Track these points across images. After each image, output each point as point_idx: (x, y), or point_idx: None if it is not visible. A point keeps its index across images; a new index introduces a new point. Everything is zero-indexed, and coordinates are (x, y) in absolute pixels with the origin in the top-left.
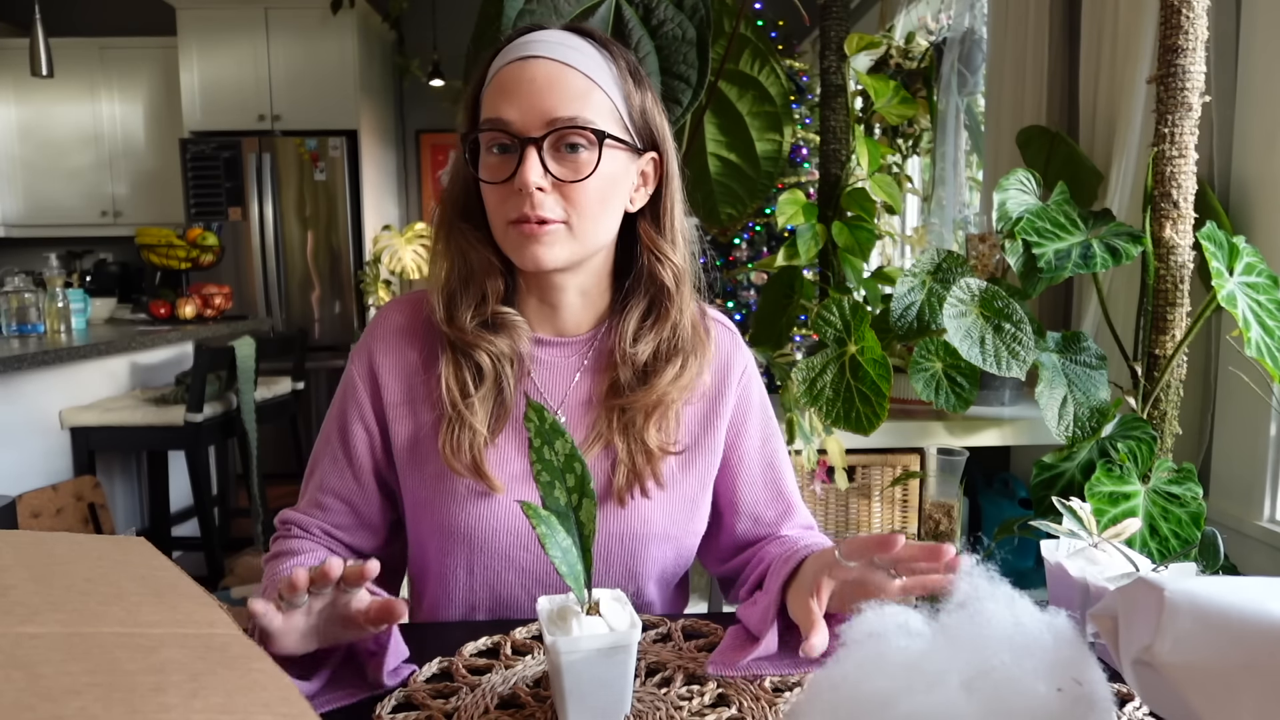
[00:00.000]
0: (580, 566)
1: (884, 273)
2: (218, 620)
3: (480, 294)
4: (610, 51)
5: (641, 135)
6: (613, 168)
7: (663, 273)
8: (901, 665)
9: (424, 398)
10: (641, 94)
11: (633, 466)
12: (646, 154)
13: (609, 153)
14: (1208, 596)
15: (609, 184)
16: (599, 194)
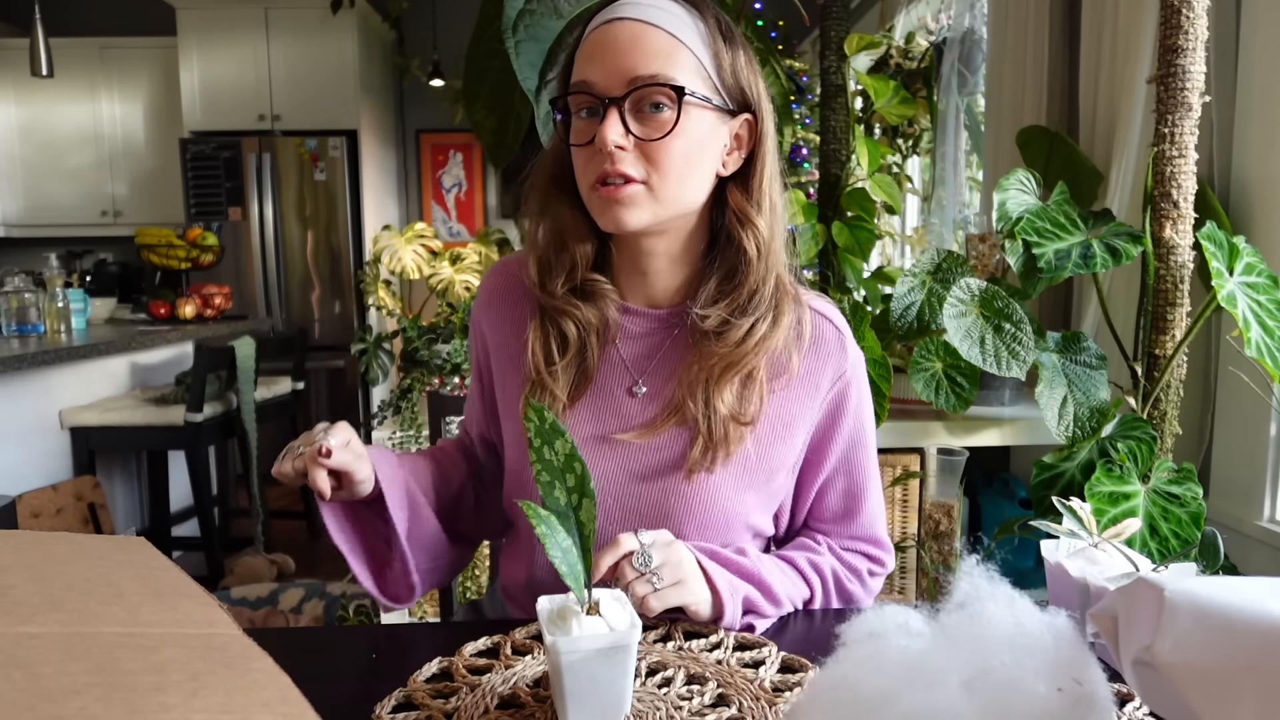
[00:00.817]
0: (580, 566)
1: (884, 273)
2: (218, 620)
3: (571, 260)
4: (700, 10)
5: (733, 96)
6: (698, 127)
7: (746, 240)
8: (901, 665)
9: (514, 360)
10: (733, 53)
11: (709, 436)
12: (740, 116)
13: (694, 111)
14: (1208, 596)
15: (694, 144)
16: (682, 153)
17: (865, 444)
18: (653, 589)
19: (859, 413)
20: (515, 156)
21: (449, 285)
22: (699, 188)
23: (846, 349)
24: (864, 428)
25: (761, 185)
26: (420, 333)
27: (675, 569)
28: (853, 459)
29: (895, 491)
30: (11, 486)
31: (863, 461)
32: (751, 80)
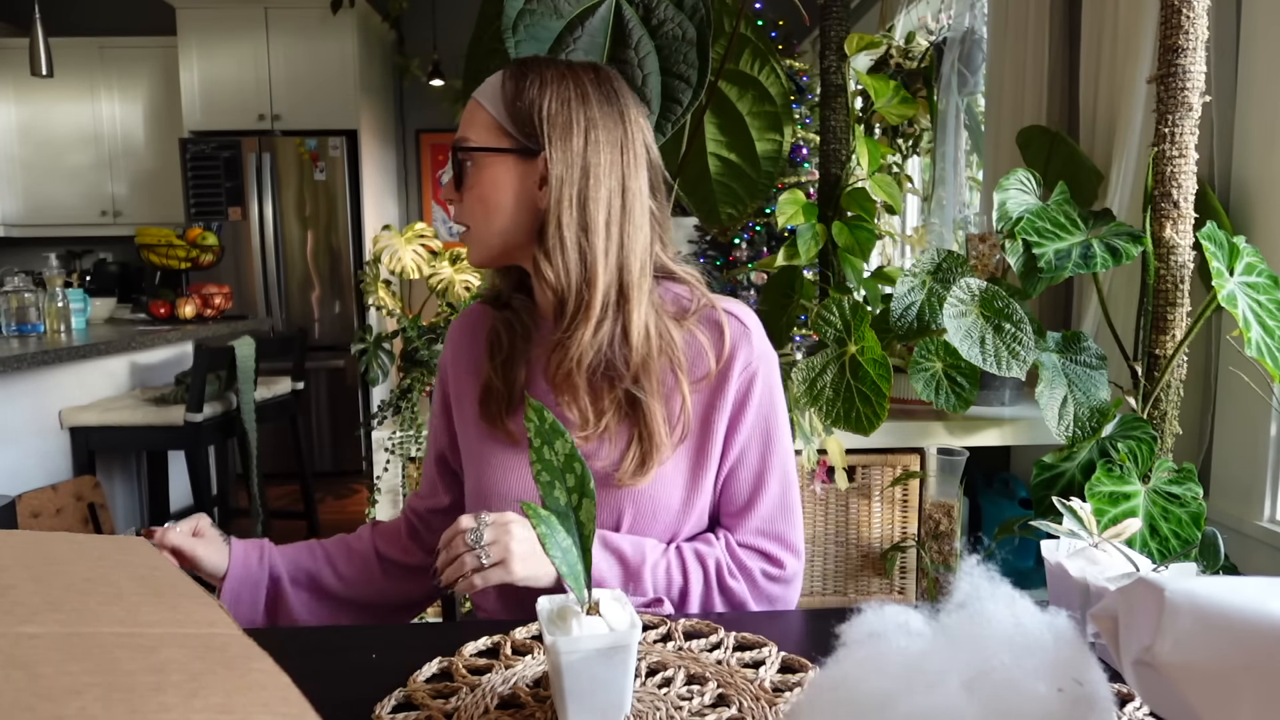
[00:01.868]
0: (580, 566)
1: (884, 273)
2: (217, 620)
3: (507, 281)
4: (506, 72)
5: (529, 137)
6: (491, 176)
7: (541, 263)
8: (901, 665)
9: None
10: (530, 94)
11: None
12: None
13: (485, 163)
14: (1208, 596)
15: (487, 190)
16: (478, 200)
17: (772, 439)
18: (479, 563)
19: (765, 408)
20: None
21: (449, 285)
22: (505, 226)
23: (753, 344)
24: (771, 423)
25: (557, 226)
26: (420, 333)
27: (500, 548)
28: (753, 452)
29: (895, 491)
30: (11, 486)
31: (766, 456)
32: (548, 114)
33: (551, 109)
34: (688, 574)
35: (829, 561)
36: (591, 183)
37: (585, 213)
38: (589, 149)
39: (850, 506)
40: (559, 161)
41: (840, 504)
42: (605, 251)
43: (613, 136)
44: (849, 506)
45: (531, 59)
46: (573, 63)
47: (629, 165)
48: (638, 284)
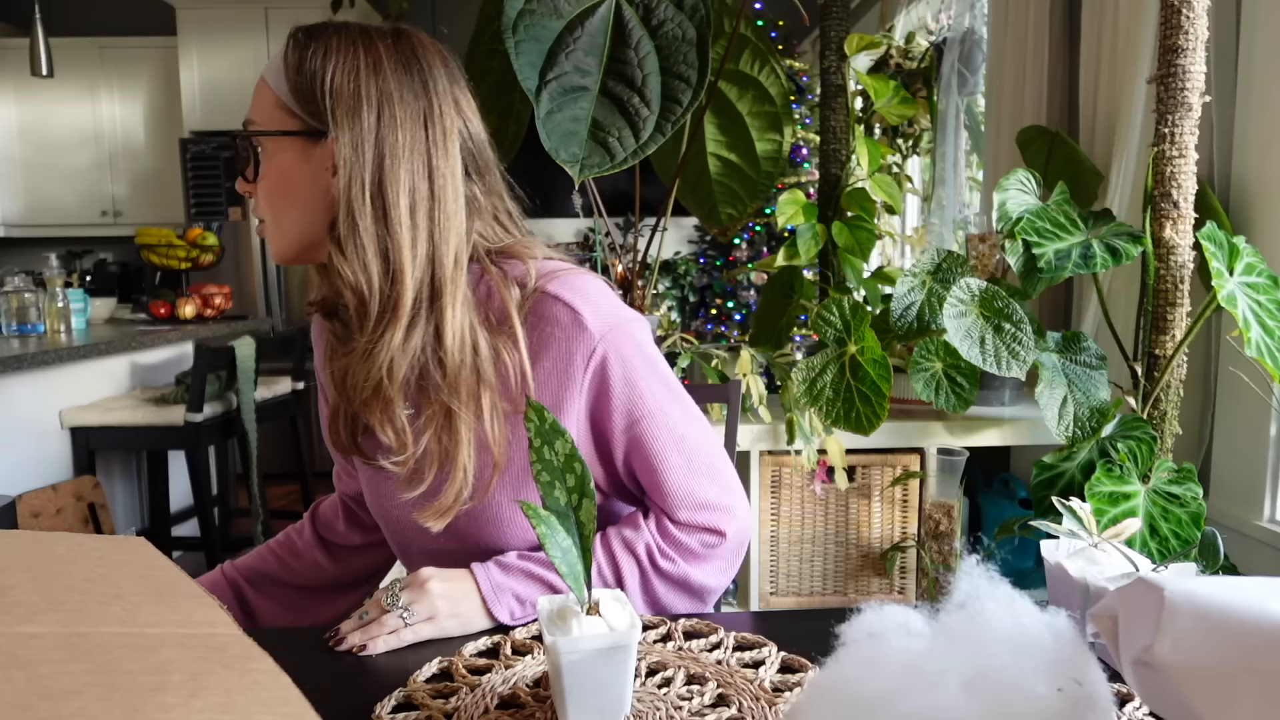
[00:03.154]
0: (580, 566)
1: (884, 273)
2: (218, 620)
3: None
4: (291, 40)
5: (311, 111)
6: (277, 161)
7: (335, 260)
8: (901, 665)
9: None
10: (313, 65)
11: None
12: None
13: (268, 145)
14: (1208, 596)
15: (275, 179)
16: (268, 191)
17: (650, 414)
18: (404, 624)
19: (629, 385)
20: (515, 156)
21: None
22: (302, 219)
23: (587, 325)
24: (642, 398)
25: (346, 203)
26: None
27: (426, 607)
28: (638, 433)
29: (895, 491)
30: (11, 486)
31: (652, 433)
32: (334, 92)
33: (336, 81)
34: (619, 566)
35: (829, 561)
36: (388, 165)
37: (383, 200)
38: (383, 126)
39: (850, 506)
40: (347, 143)
41: (840, 504)
42: (412, 244)
43: (413, 110)
44: (849, 506)
45: (320, 24)
46: (368, 27)
47: (434, 143)
48: (451, 279)
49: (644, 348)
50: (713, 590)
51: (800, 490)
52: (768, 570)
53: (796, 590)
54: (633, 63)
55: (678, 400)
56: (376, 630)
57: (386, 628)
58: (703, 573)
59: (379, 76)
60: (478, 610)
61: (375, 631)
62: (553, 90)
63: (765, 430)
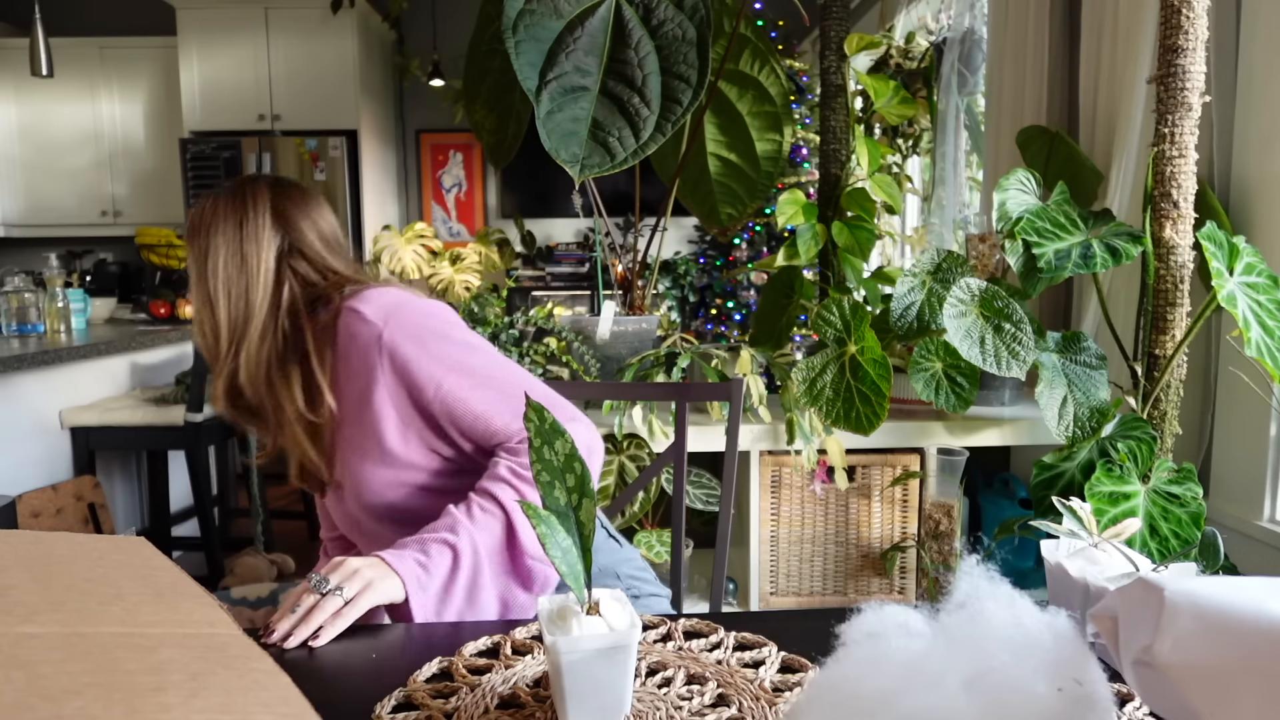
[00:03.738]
0: (580, 566)
1: (884, 273)
2: (218, 620)
3: None
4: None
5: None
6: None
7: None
8: (901, 665)
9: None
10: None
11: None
12: None
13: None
14: (1208, 596)
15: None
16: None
17: (449, 372)
18: (343, 601)
19: (421, 355)
20: (515, 156)
21: (449, 285)
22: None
23: (369, 319)
24: (437, 360)
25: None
26: None
27: (358, 580)
28: (446, 392)
29: (895, 491)
30: (11, 486)
31: (459, 385)
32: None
33: (189, 218)
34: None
35: (829, 561)
36: (210, 261)
37: (207, 285)
38: (209, 236)
39: (850, 506)
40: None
41: (840, 504)
42: (228, 312)
43: (232, 218)
44: (849, 506)
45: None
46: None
47: (249, 237)
48: (257, 329)
49: (429, 324)
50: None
51: (800, 490)
52: (768, 570)
53: (796, 590)
54: (633, 63)
55: (476, 352)
56: (320, 616)
57: (328, 610)
58: (519, 485)
59: (213, 206)
60: (389, 572)
61: (319, 618)
62: (553, 90)
63: (765, 430)
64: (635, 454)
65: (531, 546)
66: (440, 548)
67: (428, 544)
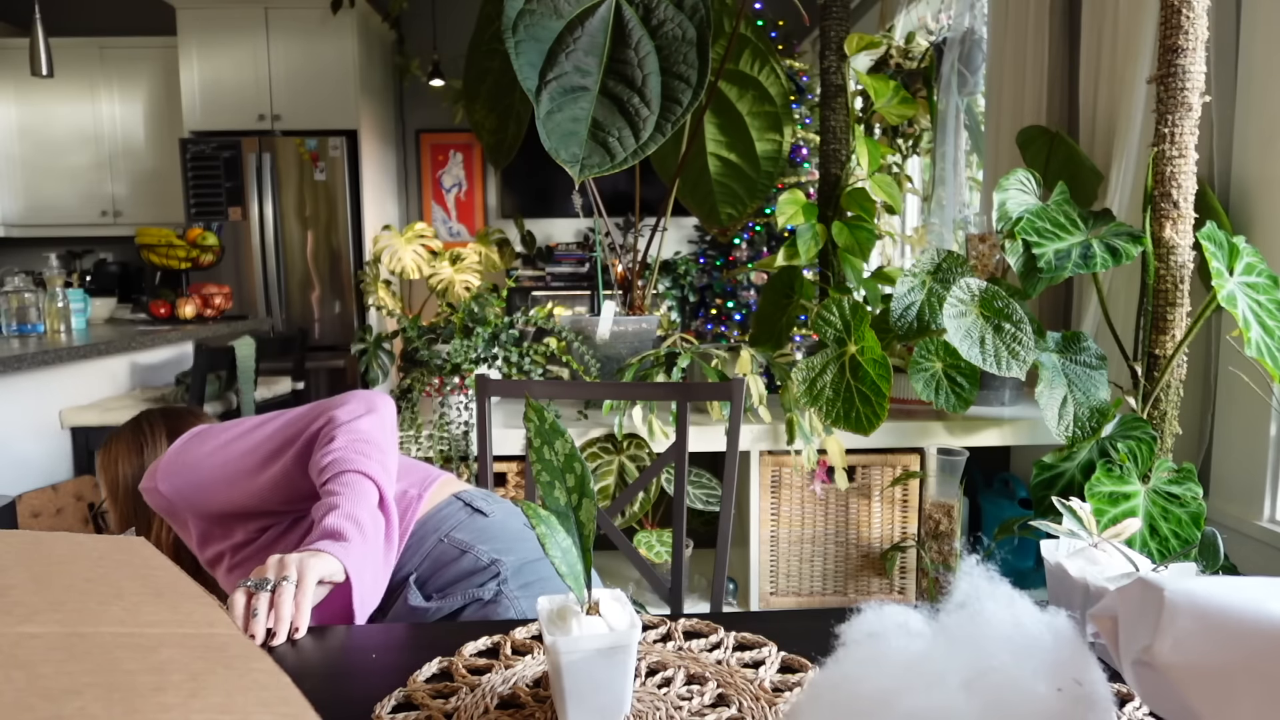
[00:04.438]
0: (580, 566)
1: (884, 273)
2: (217, 620)
3: None
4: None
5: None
6: None
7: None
8: (901, 665)
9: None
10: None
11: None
12: None
13: None
14: (1208, 596)
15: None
16: None
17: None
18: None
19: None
20: (515, 156)
21: (449, 285)
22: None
23: (147, 490)
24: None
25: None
26: (420, 333)
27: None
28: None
29: (895, 491)
30: (11, 486)
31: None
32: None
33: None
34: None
35: (829, 561)
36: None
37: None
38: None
39: (850, 506)
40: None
41: (840, 504)
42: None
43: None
44: (849, 506)
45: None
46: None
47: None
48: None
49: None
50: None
51: (800, 490)
52: (768, 570)
53: (796, 590)
54: (633, 63)
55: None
56: (286, 609)
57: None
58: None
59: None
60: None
61: (286, 612)
62: (553, 90)
63: (765, 430)
64: (635, 454)
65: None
66: (341, 521)
67: (327, 526)
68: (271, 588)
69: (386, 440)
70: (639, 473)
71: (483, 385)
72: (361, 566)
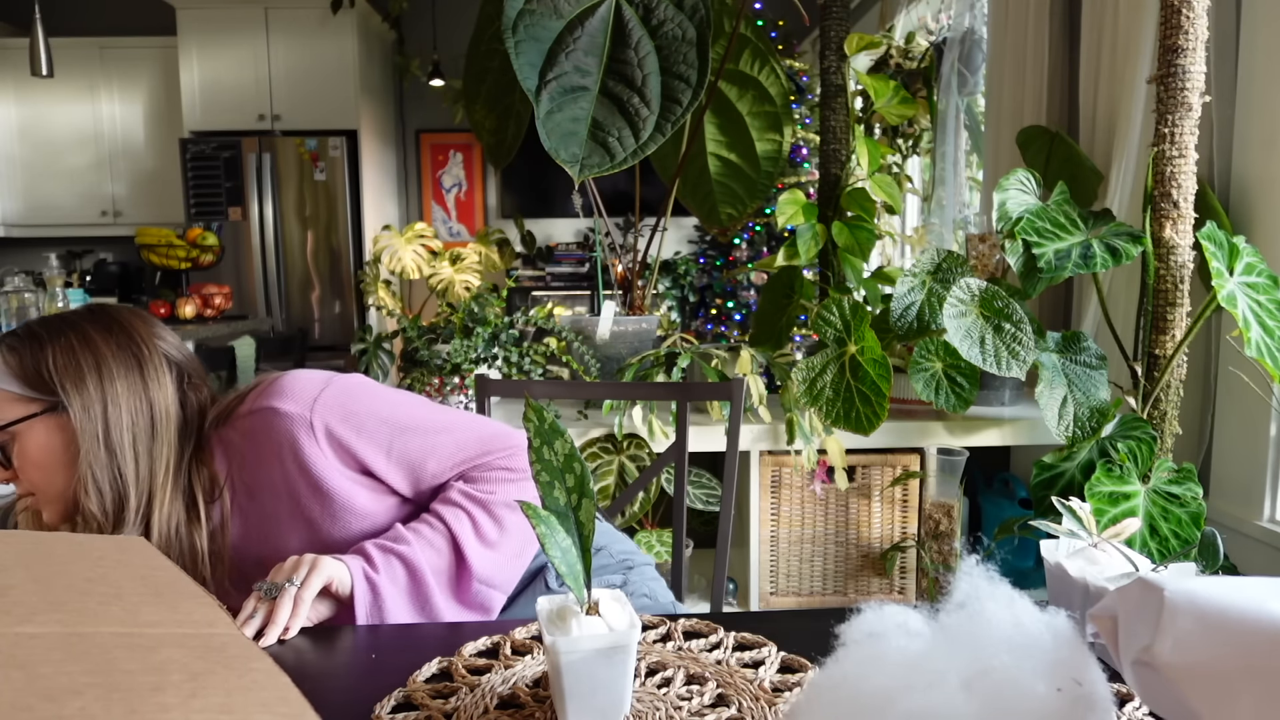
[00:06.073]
0: (580, 566)
1: (884, 273)
2: (217, 620)
3: None
4: (3, 344)
5: (47, 391)
6: (33, 442)
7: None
8: (901, 665)
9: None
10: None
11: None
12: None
13: (20, 432)
14: (1208, 596)
15: (37, 455)
16: (35, 468)
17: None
18: (295, 587)
19: (362, 429)
20: (515, 156)
21: (449, 285)
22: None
23: (287, 412)
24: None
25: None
26: (420, 333)
27: (301, 566)
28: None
29: (895, 491)
30: None
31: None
32: (59, 370)
33: (57, 361)
34: (444, 519)
35: (829, 561)
36: (113, 412)
37: (109, 444)
38: (104, 383)
39: (850, 506)
40: (78, 406)
41: (840, 504)
42: (135, 472)
43: (127, 360)
44: (849, 506)
45: (25, 324)
46: (70, 315)
47: (151, 379)
48: (163, 484)
49: (356, 397)
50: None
51: (800, 490)
52: (768, 570)
53: (796, 590)
54: (633, 63)
55: (410, 407)
56: (283, 613)
57: (286, 604)
58: (520, 489)
59: (90, 346)
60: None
61: (282, 615)
62: (553, 90)
63: (765, 430)
64: (635, 454)
65: (480, 568)
66: (385, 554)
67: (367, 547)
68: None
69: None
70: (639, 473)
71: (483, 385)
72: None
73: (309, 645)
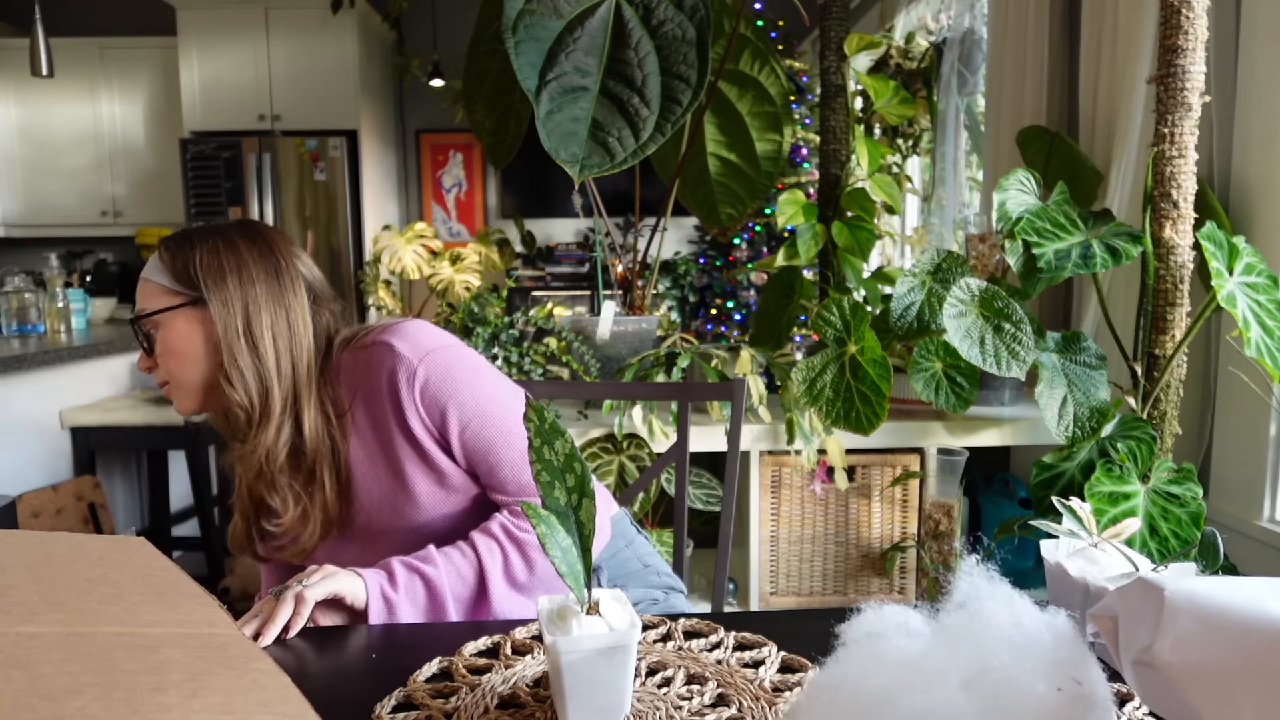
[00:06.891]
0: (580, 566)
1: (884, 273)
2: (218, 620)
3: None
4: (162, 248)
5: (190, 287)
6: (173, 332)
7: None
8: (901, 664)
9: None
10: (183, 256)
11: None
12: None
13: (163, 322)
14: (1208, 596)
15: (176, 345)
16: (172, 357)
17: (475, 417)
18: (302, 587)
19: (453, 396)
20: (515, 156)
21: (449, 285)
22: (205, 369)
23: (402, 354)
24: (466, 405)
25: (227, 346)
26: None
27: (316, 574)
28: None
29: (895, 491)
30: (11, 486)
31: (482, 433)
32: (204, 269)
33: (203, 261)
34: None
35: (829, 561)
36: (253, 311)
37: (252, 338)
38: (244, 284)
39: (850, 506)
40: (219, 302)
41: (840, 504)
42: (276, 366)
43: (266, 268)
44: (849, 506)
45: (183, 230)
46: (219, 224)
47: (285, 288)
48: (306, 383)
49: (462, 365)
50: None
51: (800, 490)
52: (768, 570)
53: (796, 590)
54: (633, 63)
55: (503, 404)
56: (283, 613)
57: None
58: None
59: (234, 251)
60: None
61: (282, 616)
62: (553, 90)
63: (765, 430)
64: (635, 454)
65: (500, 606)
66: (410, 572)
67: (393, 564)
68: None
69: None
70: (639, 473)
71: None
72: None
73: (309, 645)
